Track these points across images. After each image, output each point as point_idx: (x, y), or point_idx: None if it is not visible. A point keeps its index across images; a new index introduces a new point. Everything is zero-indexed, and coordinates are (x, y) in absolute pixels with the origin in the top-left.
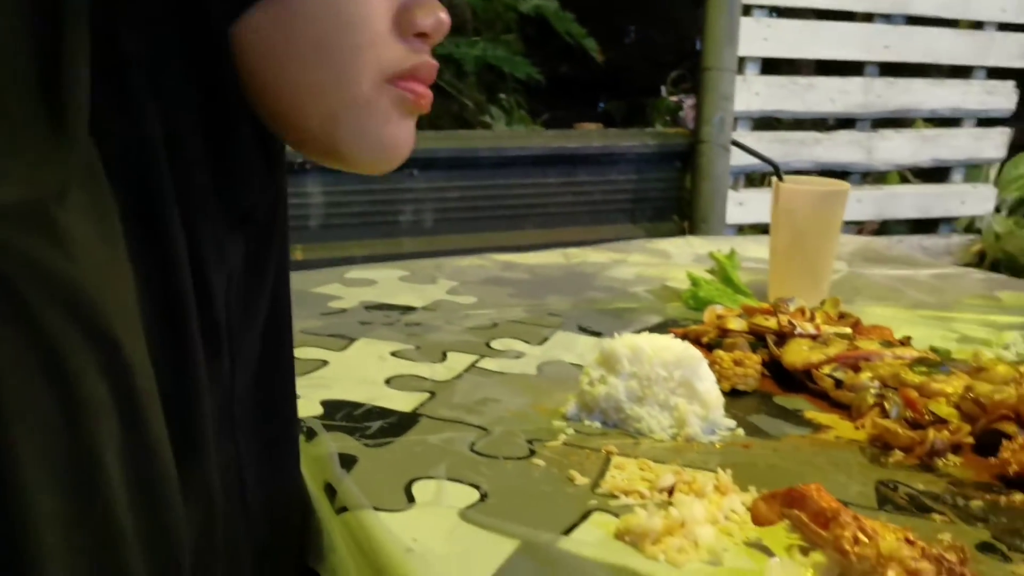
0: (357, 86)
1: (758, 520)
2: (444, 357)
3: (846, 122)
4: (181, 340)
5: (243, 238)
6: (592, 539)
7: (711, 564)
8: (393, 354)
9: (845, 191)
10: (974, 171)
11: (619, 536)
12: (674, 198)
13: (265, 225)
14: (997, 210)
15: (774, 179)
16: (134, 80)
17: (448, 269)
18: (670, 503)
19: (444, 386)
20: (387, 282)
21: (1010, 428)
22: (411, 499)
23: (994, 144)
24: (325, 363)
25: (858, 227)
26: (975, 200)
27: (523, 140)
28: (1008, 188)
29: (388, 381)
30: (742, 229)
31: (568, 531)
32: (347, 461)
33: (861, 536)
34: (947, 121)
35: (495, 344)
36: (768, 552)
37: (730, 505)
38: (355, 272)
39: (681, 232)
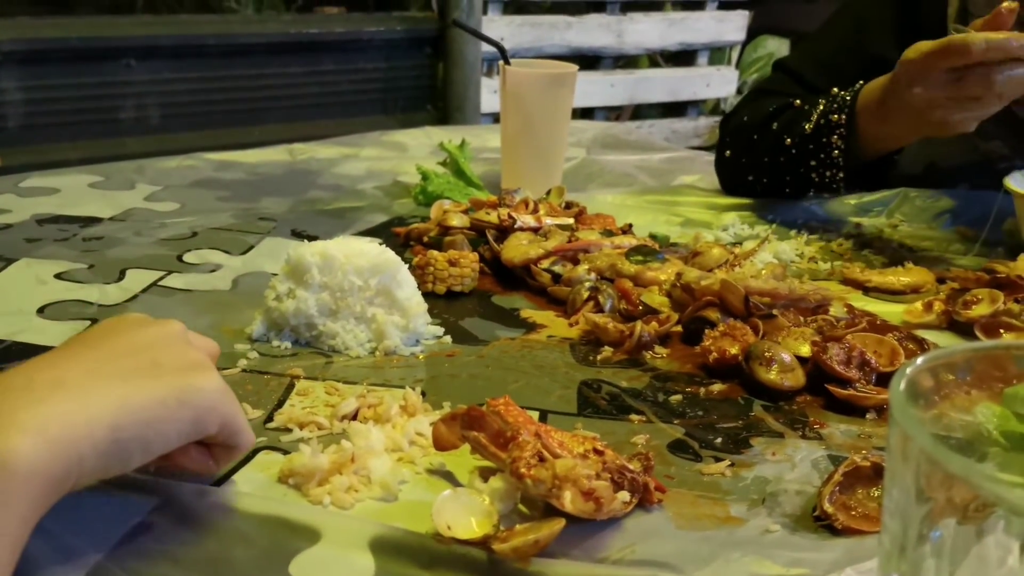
0: None
1: (440, 445)
2: (122, 276)
3: (597, 5)
4: None
5: None
6: (249, 487)
7: (383, 501)
8: (58, 276)
9: (572, 73)
10: (718, 54)
11: (282, 479)
12: (427, 87)
13: None
14: (739, 92)
15: (500, 63)
16: None
17: (151, 172)
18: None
19: (112, 312)
20: (72, 190)
21: (714, 315)
22: None
23: (735, 26)
24: None
25: (615, 113)
26: (719, 82)
27: (257, 26)
28: (748, 70)
29: (41, 310)
30: (498, 118)
31: (222, 480)
32: None
33: (546, 453)
34: (692, 5)
35: (189, 257)
36: (451, 479)
37: (416, 428)
38: (34, 180)
39: (439, 124)
